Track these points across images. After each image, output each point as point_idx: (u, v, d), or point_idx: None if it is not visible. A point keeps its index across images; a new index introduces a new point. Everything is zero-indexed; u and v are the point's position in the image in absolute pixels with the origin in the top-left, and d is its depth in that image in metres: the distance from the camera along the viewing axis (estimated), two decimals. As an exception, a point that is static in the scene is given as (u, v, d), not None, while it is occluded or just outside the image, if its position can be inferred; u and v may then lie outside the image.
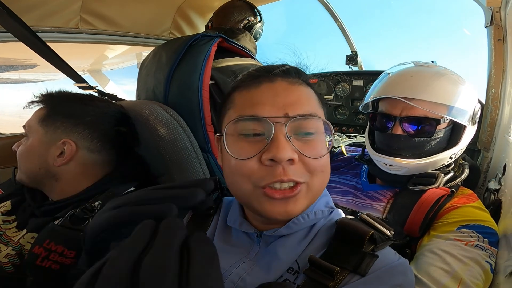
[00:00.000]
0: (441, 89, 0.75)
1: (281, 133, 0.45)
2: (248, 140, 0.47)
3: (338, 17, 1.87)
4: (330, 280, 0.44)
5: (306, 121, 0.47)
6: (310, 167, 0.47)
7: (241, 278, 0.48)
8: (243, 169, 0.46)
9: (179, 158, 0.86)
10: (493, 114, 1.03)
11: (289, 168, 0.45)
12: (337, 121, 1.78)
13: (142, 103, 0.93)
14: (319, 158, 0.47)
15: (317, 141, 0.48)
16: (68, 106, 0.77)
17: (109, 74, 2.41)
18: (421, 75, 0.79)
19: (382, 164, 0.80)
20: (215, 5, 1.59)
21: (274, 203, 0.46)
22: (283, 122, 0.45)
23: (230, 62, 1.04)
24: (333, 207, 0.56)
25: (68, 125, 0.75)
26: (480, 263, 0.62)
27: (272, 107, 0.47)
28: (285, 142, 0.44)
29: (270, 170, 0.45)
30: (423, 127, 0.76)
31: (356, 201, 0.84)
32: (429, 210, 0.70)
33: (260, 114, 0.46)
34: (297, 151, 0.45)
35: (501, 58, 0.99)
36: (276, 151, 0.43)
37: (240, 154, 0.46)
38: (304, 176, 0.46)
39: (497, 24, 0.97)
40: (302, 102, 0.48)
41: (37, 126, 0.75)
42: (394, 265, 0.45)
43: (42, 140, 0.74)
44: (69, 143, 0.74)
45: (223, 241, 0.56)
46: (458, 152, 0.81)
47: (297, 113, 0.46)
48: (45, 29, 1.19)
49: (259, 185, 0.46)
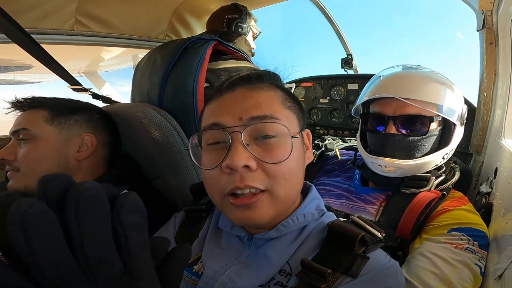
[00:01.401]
0: (431, 89, 0.77)
1: (237, 140, 0.46)
2: (214, 149, 0.49)
3: (334, 20, 1.88)
4: (322, 282, 0.44)
5: (262, 125, 0.47)
6: (271, 173, 0.47)
7: (231, 280, 0.49)
8: (210, 178, 0.49)
9: (173, 161, 0.86)
10: (485, 118, 1.04)
11: (248, 175, 0.46)
12: (332, 125, 1.78)
13: (136, 105, 0.93)
14: (279, 163, 0.47)
15: (278, 145, 0.48)
16: (72, 104, 0.80)
17: (105, 76, 2.41)
18: (411, 77, 0.81)
19: (376, 166, 0.81)
20: (212, 8, 1.59)
21: (239, 211, 0.47)
22: (239, 130, 0.46)
23: (225, 64, 1.05)
24: (324, 210, 0.57)
25: (82, 121, 0.79)
26: (470, 266, 0.62)
27: (229, 115, 0.48)
28: (241, 149, 0.45)
29: (229, 177, 0.46)
30: (417, 125, 0.77)
31: (349, 204, 0.85)
32: (420, 213, 0.71)
33: (218, 123, 0.48)
34: (254, 157, 0.46)
35: (493, 61, 1.00)
36: (231, 159, 0.45)
37: (207, 164, 0.49)
38: (264, 183, 0.47)
39: (489, 28, 0.98)
40: (259, 106, 0.48)
41: (47, 126, 0.74)
42: (385, 267, 0.46)
43: (58, 138, 0.75)
44: (89, 136, 0.78)
45: (215, 243, 0.56)
46: (450, 152, 0.83)
47: (252, 115, 0.47)
48: (40, 31, 1.18)
49: (223, 192, 0.47)
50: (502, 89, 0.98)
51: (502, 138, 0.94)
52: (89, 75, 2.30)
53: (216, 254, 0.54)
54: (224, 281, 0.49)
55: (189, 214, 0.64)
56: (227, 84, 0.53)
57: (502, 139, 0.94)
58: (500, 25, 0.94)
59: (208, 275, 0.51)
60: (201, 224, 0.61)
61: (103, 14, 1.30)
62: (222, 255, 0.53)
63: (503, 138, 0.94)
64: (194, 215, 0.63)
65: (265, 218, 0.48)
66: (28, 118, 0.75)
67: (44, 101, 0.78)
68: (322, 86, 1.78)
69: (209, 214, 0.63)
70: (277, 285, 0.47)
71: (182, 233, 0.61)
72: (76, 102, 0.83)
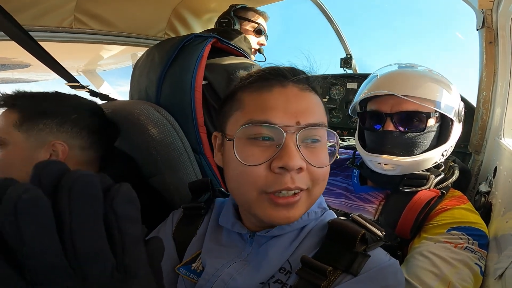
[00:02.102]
0: (428, 86, 0.78)
1: (291, 141, 0.45)
2: (257, 145, 0.46)
3: (333, 19, 1.88)
4: (322, 280, 0.44)
5: (315, 130, 0.48)
6: (314, 175, 0.47)
7: (232, 278, 0.49)
8: (250, 175, 0.46)
9: (171, 159, 0.85)
10: (484, 117, 1.04)
11: (297, 176, 0.45)
12: (331, 124, 1.77)
13: (133, 103, 0.92)
14: (323, 167, 0.48)
15: (321, 149, 0.49)
16: (44, 106, 0.72)
17: (104, 75, 2.40)
18: (408, 75, 0.81)
19: (376, 164, 0.80)
20: (211, 6, 1.59)
21: (277, 209, 0.46)
22: (294, 131, 0.46)
23: (224, 61, 1.04)
24: (325, 208, 0.57)
25: (52, 126, 0.70)
26: (469, 265, 0.62)
27: (285, 114, 0.46)
28: (295, 151, 0.45)
29: (278, 177, 0.45)
30: (415, 122, 0.77)
31: (348, 203, 0.84)
32: (419, 212, 0.71)
33: (273, 120, 0.46)
34: (305, 160, 0.46)
35: (492, 61, 1.00)
36: (287, 160, 0.44)
37: (249, 160, 0.46)
38: (308, 184, 0.47)
39: (488, 27, 0.98)
40: (312, 111, 0.49)
41: (14, 132, 0.68)
42: (385, 266, 0.46)
43: (25, 146, 0.69)
44: (60, 143, 0.70)
45: (215, 241, 0.56)
46: (449, 149, 0.82)
47: (308, 122, 0.47)
48: (38, 28, 1.18)
49: (266, 191, 0.46)
50: (501, 88, 0.98)
51: (502, 137, 0.93)
52: (88, 74, 2.29)
53: (216, 251, 0.54)
54: (225, 278, 0.49)
55: (187, 212, 0.63)
56: (276, 74, 0.50)
57: (502, 138, 0.93)
58: (499, 24, 0.94)
59: (208, 273, 0.50)
60: (199, 221, 0.61)
61: (102, 12, 1.30)
62: (223, 252, 0.53)
63: (502, 137, 0.94)
64: (192, 212, 0.62)
65: (298, 216, 0.48)
66: (0, 121, 0.70)
67: (15, 101, 0.71)
68: (321, 85, 1.77)
69: (208, 212, 0.63)
70: (277, 283, 0.47)
71: (180, 231, 0.61)
72: (51, 101, 0.74)
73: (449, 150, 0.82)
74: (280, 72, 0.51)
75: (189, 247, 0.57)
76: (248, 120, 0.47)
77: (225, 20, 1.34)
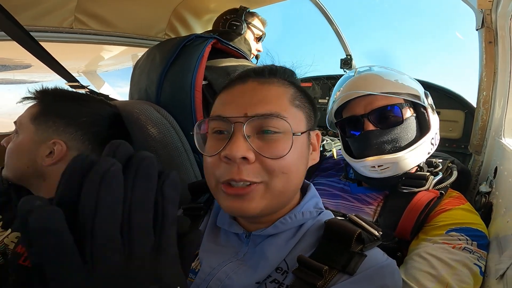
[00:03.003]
0: (388, 81, 0.82)
1: (239, 132, 0.46)
2: (216, 138, 0.49)
3: (333, 20, 1.89)
4: (318, 279, 0.44)
5: (267, 120, 0.47)
6: (269, 167, 0.46)
7: (228, 277, 0.49)
8: (209, 165, 0.49)
9: (170, 158, 0.85)
10: (484, 117, 1.03)
11: (245, 167, 0.45)
12: (331, 124, 1.77)
13: (133, 102, 0.92)
14: (278, 158, 0.46)
15: (278, 141, 0.47)
16: (62, 106, 0.76)
17: (104, 76, 2.40)
18: (367, 76, 0.85)
19: (369, 169, 0.79)
20: (211, 7, 1.60)
21: (229, 199, 0.47)
22: (242, 121, 0.46)
23: (224, 62, 1.04)
24: (322, 209, 0.57)
25: (60, 125, 0.73)
26: (468, 265, 0.61)
27: (235, 107, 0.48)
28: (240, 141, 0.45)
29: (227, 167, 0.46)
30: (390, 116, 0.79)
31: (346, 204, 0.83)
32: (420, 213, 0.70)
33: (223, 114, 0.48)
34: (254, 150, 0.46)
35: (492, 61, 1.00)
36: (229, 149, 0.45)
37: (207, 151, 0.49)
38: (261, 176, 0.47)
39: (488, 27, 0.98)
40: (266, 101, 0.48)
41: (29, 124, 0.73)
42: (382, 266, 0.46)
43: (32, 138, 0.72)
44: (59, 143, 0.72)
45: (213, 241, 0.56)
46: (436, 137, 0.83)
47: (256, 112, 0.47)
48: (39, 29, 1.18)
49: (219, 180, 0.48)
50: (501, 88, 0.97)
51: (502, 137, 0.93)
52: (88, 75, 2.30)
53: (213, 251, 0.54)
54: (221, 277, 0.49)
55: (187, 212, 0.64)
56: (239, 75, 0.54)
57: (502, 138, 0.93)
58: (499, 24, 0.94)
59: (205, 271, 0.51)
60: (199, 222, 0.61)
61: (102, 12, 1.31)
62: (220, 252, 0.53)
63: (502, 137, 0.93)
64: (192, 213, 0.63)
65: (257, 209, 0.47)
66: (25, 112, 0.75)
67: (44, 96, 0.76)
68: (321, 86, 1.78)
69: (207, 212, 0.63)
70: (273, 283, 0.47)
71: None
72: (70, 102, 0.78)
73: (436, 138, 0.83)
74: (246, 72, 0.54)
75: None
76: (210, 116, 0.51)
77: (237, 23, 1.34)
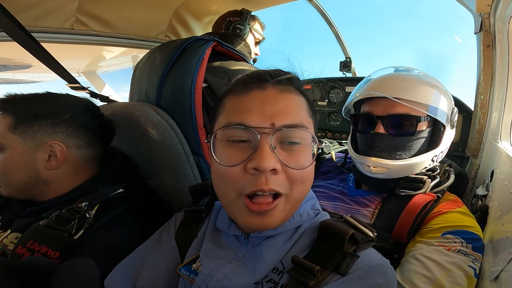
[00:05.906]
0: (420, 90, 0.78)
1: (266, 143, 0.46)
2: (235, 147, 0.48)
3: (333, 23, 1.90)
4: (311, 279, 0.45)
5: (293, 131, 0.48)
6: (292, 177, 0.48)
7: (227, 277, 0.50)
8: (229, 175, 0.47)
9: (170, 160, 0.86)
10: (482, 121, 1.04)
11: (272, 178, 0.46)
12: (330, 127, 1.79)
13: (133, 104, 0.93)
14: (302, 169, 0.48)
15: (301, 151, 0.49)
16: (36, 107, 0.72)
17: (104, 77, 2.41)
18: (401, 78, 0.82)
19: (364, 167, 0.81)
20: (212, 9, 1.60)
21: (252, 216, 0.47)
22: (269, 132, 0.46)
23: (224, 65, 1.05)
24: (319, 210, 0.57)
25: (47, 126, 0.71)
26: (463, 268, 0.62)
27: (260, 116, 0.47)
28: (269, 152, 0.45)
29: (253, 179, 0.46)
30: (405, 125, 0.78)
31: (344, 207, 0.84)
32: (416, 216, 0.71)
33: (247, 122, 0.47)
34: (281, 161, 0.46)
35: (490, 64, 1.00)
36: (259, 161, 0.45)
37: (227, 161, 0.47)
38: (285, 187, 0.47)
39: (486, 31, 0.98)
40: (290, 111, 0.49)
41: (11, 135, 0.69)
42: (374, 265, 0.46)
43: (23, 148, 0.69)
44: (57, 144, 0.71)
45: (213, 243, 0.57)
46: (440, 155, 0.83)
47: (284, 123, 0.47)
48: (40, 29, 1.19)
49: (242, 193, 0.47)
50: (499, 92, 0.98)
51: (499, 141, 0.94)
52: (88, 75, 2.30)
53: (213, 252, 0.55)
54: (220, 278, 0.50)
55: (188, 215, 0.65)
56: (256, 78, 0.52)
57: (499, 141, 0.94)
58: (497, 27, 0.94)
59: (204, 273, 0.52)
60: (200, 224, 0.62)
61: (103, 13, 1.31)
62: (219, 253, 0.54)
63: (499, 141, 0.94)
64: (194, 215, 0.64)
65: (277, 223, 0.49)
66: None
67: (8, 104, 0.72)
68: (321, 88, 1.79)
69: (208, 215, 0.64)
70: (269, 283, 0.48)
71: (182, 233, 0.62)
72: (43, 102, 0.74)
73: (439, 155, 0.82)
74: (261, 75, 0.52)
75: (190, 248, 0.59)
76: (225, 123, 0.48)
77: (241, 27, 1.34)
